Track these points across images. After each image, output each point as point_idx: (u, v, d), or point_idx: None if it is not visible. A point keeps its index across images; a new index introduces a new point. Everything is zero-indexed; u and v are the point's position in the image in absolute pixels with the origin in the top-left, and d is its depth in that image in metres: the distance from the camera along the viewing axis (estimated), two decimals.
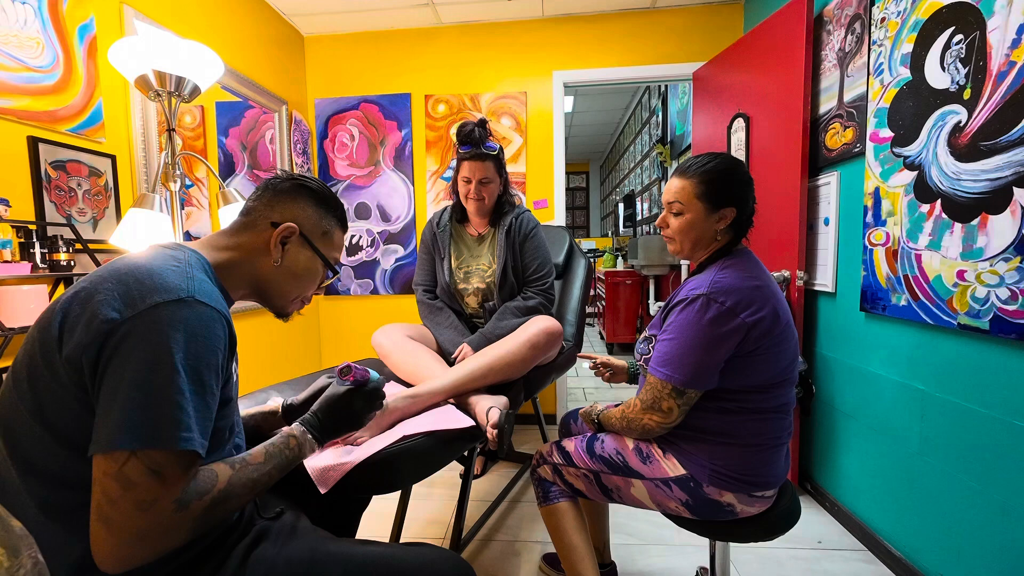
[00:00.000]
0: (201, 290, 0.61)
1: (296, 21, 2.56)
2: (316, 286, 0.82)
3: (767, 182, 1.97)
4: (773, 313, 0.92)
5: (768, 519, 1.00)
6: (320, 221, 0.79)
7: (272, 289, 0.78)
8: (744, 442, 0.95)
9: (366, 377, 0.81)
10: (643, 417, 0.98)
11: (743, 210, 1.00)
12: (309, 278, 0.80)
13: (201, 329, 0.59)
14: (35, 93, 1.31)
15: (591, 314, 5.96)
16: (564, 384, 2.75)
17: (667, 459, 1.00)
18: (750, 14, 2.38)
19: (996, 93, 1.09)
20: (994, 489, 1.13)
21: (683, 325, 0.92)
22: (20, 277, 1.20)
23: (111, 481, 0.52)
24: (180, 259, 0.65)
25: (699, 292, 0.92)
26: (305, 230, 0.77)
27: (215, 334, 0.60)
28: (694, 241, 1.02)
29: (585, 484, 1.11)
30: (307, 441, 0.73)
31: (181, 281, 0.60)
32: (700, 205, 0.99)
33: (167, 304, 0.57)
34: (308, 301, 0.83)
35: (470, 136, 1.43)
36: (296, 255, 0.77)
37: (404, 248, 2.75)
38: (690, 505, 0.98)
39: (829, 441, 1.77)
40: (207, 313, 0.60)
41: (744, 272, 0.95)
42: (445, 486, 2.00)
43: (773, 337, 0.92)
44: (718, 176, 0.98)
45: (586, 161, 8.28)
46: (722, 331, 0.89)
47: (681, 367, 0.92)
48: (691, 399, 0.94)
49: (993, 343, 1.13)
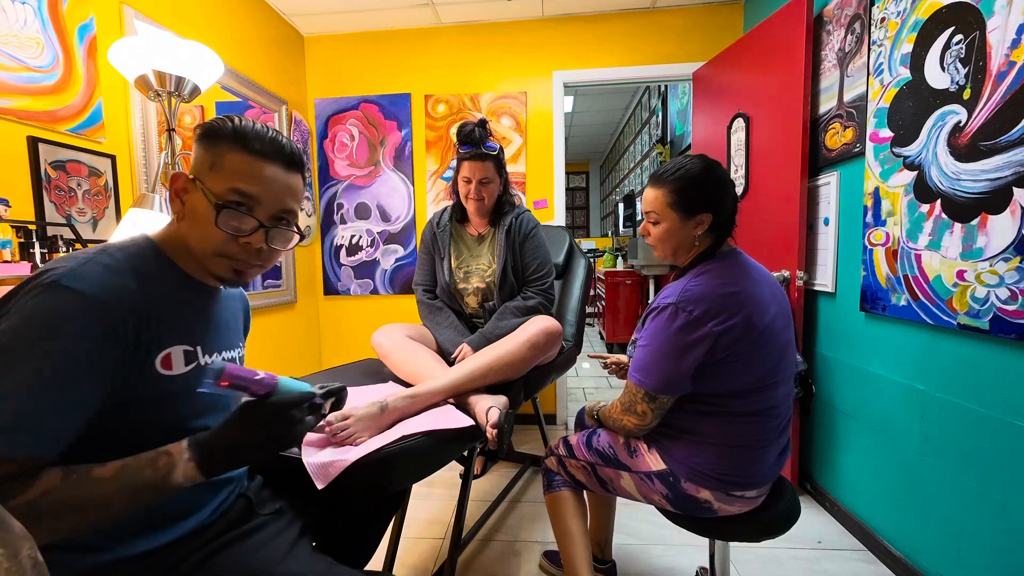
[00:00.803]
0: (79, 273, 0.56)
1: (296, 21, 2.56)
2: (224, 233, 0.65)
3: (767, 182, 1.97)
4: (745, 321, 0.90)
5: (766, 519, 1.00)
6: (205, 155, 0.66)
7: (193, 247, 0.67)
8: (723, 443, 0.96)
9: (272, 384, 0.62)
10: (622, 418, 1.05)
11: (719, 213, 0.99)
12: (205, 224, 0.65)
13: (49, 317, 0.53)
14: (35, 93, 1.31)
15: (591, 314, 5.96)
16: (564, 384, 2.75)
17: (651, 454, 1.05)
18: (750, 14, 2.38)
19: (996, 93, 1.09)
20: (994, 489, 1.13)
21: (654, 333, 0.95)
22: (20, 277, 1.20)
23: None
24: (121, 245, 0.63)
25: (669, 301, 0.94)
26: (194, 171, 0.66)
27: (72, 322, 0.54)
28: (674, 248, 1.03)
29: (585, 476, 1.17)
30: (182, 463, 0.58)
31: (63, 263, 0.57)
32: (674, 214, 0.99)
33: (29, 289, 0.54)
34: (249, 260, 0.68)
35: (470, 136, 1.43)
36: (193, 204, 0.66)
37: (404, 248, 2.75)
38: (670, 499, 1.02)
39: (829, 441, 1.77)
40: (66, 299, 0.54)
41: (719, 279, 0.94)
42: (445, 486, 2.00)
43: (745, 344, 0.91)
44: (689, 183, 0.98)
45: (586, 161, 8.28)
46: (689, 340, 0.91)
47: (651, 374, 0.95)
48: (664, 404, 0.98)
49: (993, 343, 1.13)
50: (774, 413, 0.97)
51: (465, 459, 1.31)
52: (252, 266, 0.70)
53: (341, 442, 0.92)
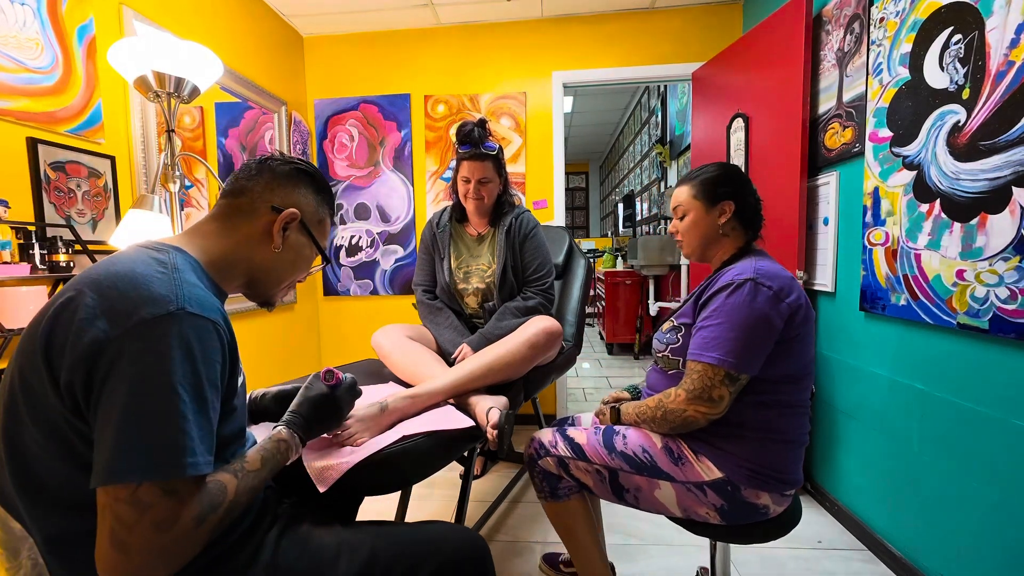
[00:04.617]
0: (192, 298, 0.57)
1: (295, 22, 2.56)
2: (305, 274, 0.81)
3: (766, 182, 1.97)
4: (807, 301, 0.97)
5: (775, 519, 1.00)
6: (318, 209, 0.78)
7: (268, 277, 0.76)
8: (782, 438, 0.96)
9: (341, 378, 0.86)
10: (687, 408, 0.94)
11: (742, 203, 1.05)
12: (302, 265, 0.79)
13: (195, 344, 0.55)
14: (34, 94, 1.31)
15: (591, 314, 5.96)
16: (564, 384, 2.75)
17: (700, 461, 0.97)
18: (749, 14, 2.38)
19: (995, 93, 1.09)
20: (994, 489, 1.13)
21: (733, 309, 0.92)
22: (19, 278, 1.20)
23: (124, 506, 0.50)
24: (165, 263, 0.60)
25: (745, 277, 0.94)
26: (305, 217, 0.76)
27: (211, 346, 0.57)
28: (701, 239, 1.08)
29: (594, 480, 1.06)
30: (295, 444, 0.74)
31: (168, 291, 0.56)
32: (698, 203, 1.07)
33: (156, 319, 0.53)
34: (292, 288, 0.84)
35: (469, 136, 1.43)
36: (294, 242, 0.76)
37: (404, 248, 2.75)
38: (724, 511, 0.96)
39: (829, 441, 1.77)
40: (201, 325, 0.56)
41: (776, 264, 1.01)
42: (445, 486, 2.00)
43: (806, 325, 0.95)
44: (711, 177, 1.07)
45: (586, 161, 8.28)
46: (772, 314, 0.91)
47: (734, 351, 0.90)
48: (741, 386, 0.93)
49: (992, 342, 1.13)
50: (809, 405, 1.01)
51: (465, 459, 1.31)
52: None
53: (341, 443, 0.92)
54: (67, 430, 0.54)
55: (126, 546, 0.50)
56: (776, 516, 0.99)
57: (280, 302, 0.84)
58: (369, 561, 0.69)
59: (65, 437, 0.54)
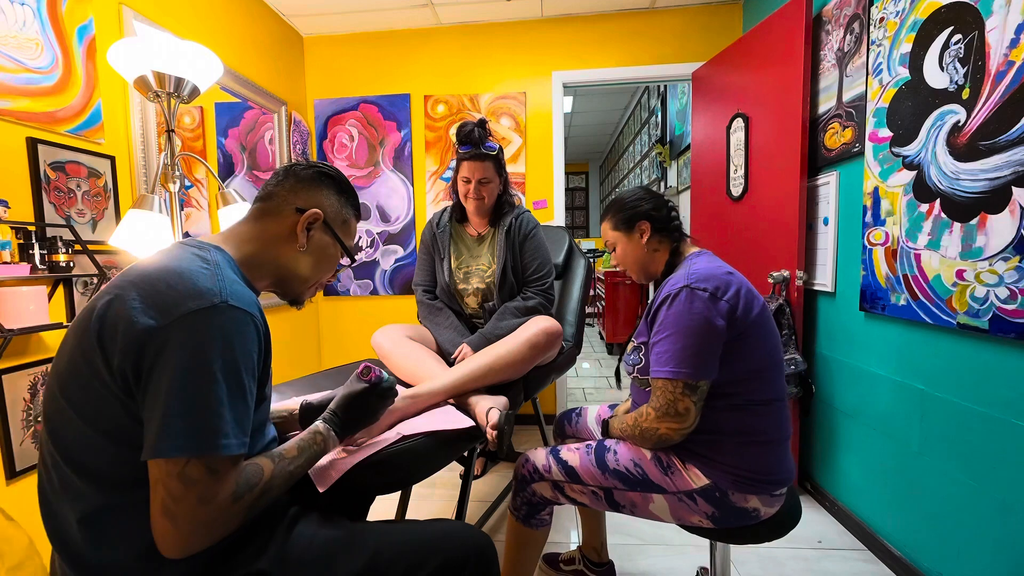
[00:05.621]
0: (233, 293, 0.62)
1: (295, 22, 2.56)
2: (332, 273, 0.85)
3: (766, 182, 1.97)
4: (749, 293, 0.97)
5: (768, 520, 1.00)
6: (341, 209, 0.82)
7: (296, 275, 0.80)
8: (761, 439, 0.96)
9: (381, 376, 0.88)
10: (659, 426, 0.95)
11: (655, 216, 1.10)
12: (328, 264, 0.83)
13: (236, 335, 0.61)
14: (34, 94, 1.31)
15: (591, 314, 5.96)
16: (564, 384, 2.75)
17: (689, 470, 0.98)
18: (749, 14, 2.39)
19: (995, 93, 1.09)
20: (994, 489, 1.13)
21: (675, 319, 0.94)
22: (19, 278, 1.20)
23: (174, 481, 0.56)
24: (208, 260, 0.66)
25: (680, 285, 0.95)
26: (328, 217, 0.80)
27: (249, 337, 0.63)
28: (637, 263, 1.13)
29: (591, 500, 1.07)
30: (331, 437, 0.79)
31: (212, 285, 0.61)
32: (619, 233, 1.13)
33: (202, 311, 0.59)
34: (322, 287, 0.87)
35: (469, 136, 1.43)
36: (319, 241, 0.80)
37: (404, 249, 2.75)
38: (716, 517, 0.96)
39: (829, 441, 1.77)
40: (240, 318, 0.62)
41: (711, 263, 1.02)
42: (445, 486, 2.00)
43: (755, 316, 0.95)
44: (614, 206, 1.14)
45: (585, 161, 8.28)
46: (712, 315, 0.92)
47: (685, 360, 0.92)
48: (703, 393, 0.93)
49: (992, 342, 1.13)
50: (785, 398, 1.01)
51: (465, 460, 1.31)
52: None
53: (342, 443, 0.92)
54: (118, 409, 0.59)
55: (174, 516, 0.56)
56: (769, 518, 0.98)
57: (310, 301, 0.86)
58: (374, 555, 0.70)
59: (114, 414, 0.59)
